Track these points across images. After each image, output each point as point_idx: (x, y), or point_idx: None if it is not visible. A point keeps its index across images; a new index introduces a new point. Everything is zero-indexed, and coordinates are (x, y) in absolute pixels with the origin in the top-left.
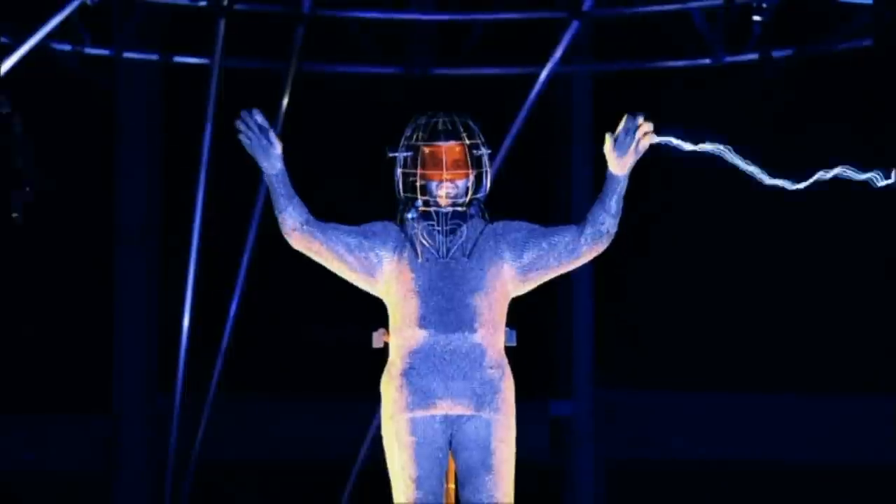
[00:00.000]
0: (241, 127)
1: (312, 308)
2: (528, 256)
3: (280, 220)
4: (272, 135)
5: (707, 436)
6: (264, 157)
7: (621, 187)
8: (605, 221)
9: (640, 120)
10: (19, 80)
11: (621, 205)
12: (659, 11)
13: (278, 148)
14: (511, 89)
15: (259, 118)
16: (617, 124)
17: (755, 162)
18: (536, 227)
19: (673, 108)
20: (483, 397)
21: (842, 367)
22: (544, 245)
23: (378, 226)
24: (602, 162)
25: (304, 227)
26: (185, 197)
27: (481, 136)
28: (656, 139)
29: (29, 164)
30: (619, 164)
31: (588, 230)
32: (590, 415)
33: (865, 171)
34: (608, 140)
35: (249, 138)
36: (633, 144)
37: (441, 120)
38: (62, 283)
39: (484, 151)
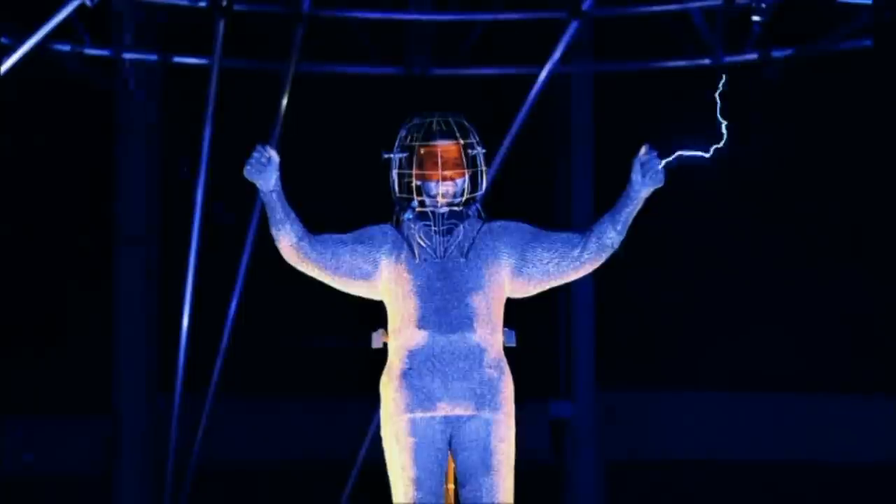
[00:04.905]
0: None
1: (312, 308)
2: (526, 260)
3: (276, 236)
4: (270, 149)
5: (707, 436)
6: (259, 175)
7: (635, 206)
8: (612, 237)
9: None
10: (19, 80)
11: (629, 224)
12: (658, 11)
13: (276, 161)
14: (510, 89)
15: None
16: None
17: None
18: (536, 230)
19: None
20: (483, 397)
21: (842, 367)
22: (543, 251)
23: (373, 229)
24: (602, 162)
25: (300, 243)
26: (185, 197)
27: (476, 135)
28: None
29: None
30: (645, 183)
31: (592, 243)
32: (590, 415)
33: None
34: (644, 149)
35: (250, 164)
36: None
37: (435, 120)
38: (62, 283)
39: (479, 150)
